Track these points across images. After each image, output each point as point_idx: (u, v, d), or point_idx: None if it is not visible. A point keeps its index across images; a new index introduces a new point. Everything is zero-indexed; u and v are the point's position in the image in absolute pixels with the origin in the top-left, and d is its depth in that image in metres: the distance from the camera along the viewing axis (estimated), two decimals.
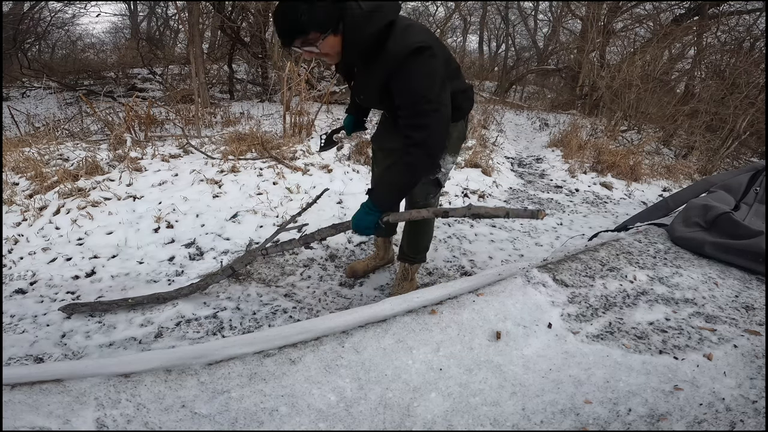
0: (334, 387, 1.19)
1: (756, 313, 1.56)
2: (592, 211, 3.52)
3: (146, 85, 7.28)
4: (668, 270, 1.79)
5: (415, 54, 1.31)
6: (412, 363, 1.27)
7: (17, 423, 0.98)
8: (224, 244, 2.45)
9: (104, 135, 4.16)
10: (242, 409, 1.11)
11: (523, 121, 6.89)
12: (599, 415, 1.15)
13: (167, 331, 1.78)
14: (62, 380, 1.11)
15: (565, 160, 4.62)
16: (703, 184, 2.45)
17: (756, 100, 4.94)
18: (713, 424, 1.11)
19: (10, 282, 2.10)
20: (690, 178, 4.50)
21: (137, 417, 1.06)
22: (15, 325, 1.81)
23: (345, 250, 2.50)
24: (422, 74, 1.34)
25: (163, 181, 3.01)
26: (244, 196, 2.91)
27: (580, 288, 1.62)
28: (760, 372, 1.28)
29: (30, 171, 2.98)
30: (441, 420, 1.13)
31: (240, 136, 3.82)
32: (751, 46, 6.57)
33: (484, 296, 1.51)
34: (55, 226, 2.52)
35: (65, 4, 8.99)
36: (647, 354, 1.34)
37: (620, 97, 5.59)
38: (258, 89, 7.09)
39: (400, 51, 1.31)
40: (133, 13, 12.67)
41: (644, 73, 5.76)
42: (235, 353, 1.24)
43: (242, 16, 6.95)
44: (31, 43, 8.79)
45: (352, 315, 1.41)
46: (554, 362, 1.31)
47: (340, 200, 2.99)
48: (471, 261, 2.48)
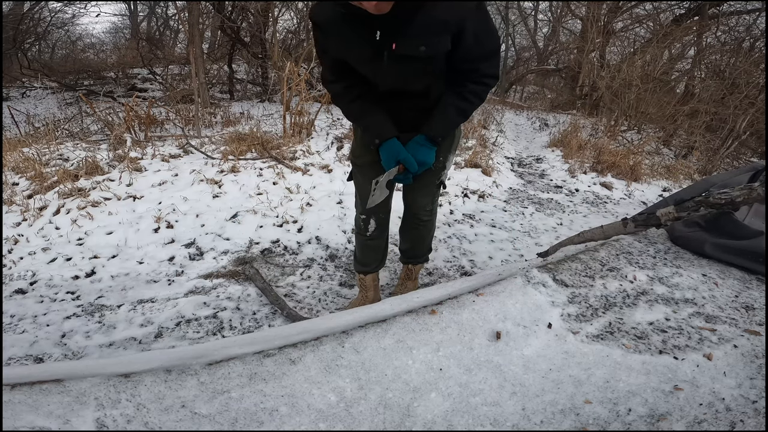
0: (334, 387, 1.19)
1: (756, 313, 1.56)
2: (592, 211, 3.52)
3: (146, 85, 7.28)
4: (668, 270, 1.79)
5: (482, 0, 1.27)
6: (412, 363, 1.27)
7: (17, 423, 0.98)
8: (224, 244, 2.45)
9: (104, 135, 4.16)
10: (242, 409, 1.11)
11: (523, 121, 6.89)
12: (599, 415, 1.15)
13: (167, 331, 1.78)
14: (62, 380, 1.11)
15: (565, 160, 4.62)
16: (703, 184, 2.45)
17: (756, 100, 4.94)
18: (713, 424, 1.11)
19: (10, 282, 2.10)
20: (690, 178, 4.49)
21: (137, 417, 1.06)
22: (15, 325, 1.81)
23: (345, 250, 2.50)
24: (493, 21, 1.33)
25: (163, 181, 3.01)
26: (244, 196, 2.91)
27: (580, 288, 1.62)
28: (760, 372, 1.28)
29: (30, 171, 2.98)
30: (441, 420, 1.13)
31: (240, 136, 3.82)
32: (751, 46, 6.58)
33: (484, 296, 1.51)
34: (55, 226, 2.52)
35: (65, 4, 9.00)
36: (647, 354, 1.34)
37: (620, 97, 5.59)
38: (258, 89, 7.09)
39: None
40: (133, 13, 12.68)
41: (644, 73, 5.77)
42: (235, 353, 1.24)
43: (242, 16, 6.96)
44: (31, 43, 8.80)
45: (352, 315, 1.41)
46: (554, 362, 1.31)
47: (340, 200, 2.99)
48: (471, 261, 2.48)
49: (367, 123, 1.46)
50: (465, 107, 1.41)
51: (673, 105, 5.60)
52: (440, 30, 1.25)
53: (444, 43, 1.27)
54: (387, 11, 1.17)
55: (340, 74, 1.42)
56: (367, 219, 1.73)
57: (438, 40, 1.26)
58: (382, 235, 1.81)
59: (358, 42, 1.29)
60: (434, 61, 1.32)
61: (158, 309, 1.91)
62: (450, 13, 1.23)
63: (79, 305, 1.95)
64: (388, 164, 1.46)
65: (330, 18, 1.29)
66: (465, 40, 1.27)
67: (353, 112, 1.47)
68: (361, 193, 1.69)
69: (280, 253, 2.44)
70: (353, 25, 1.26)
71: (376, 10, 1.16)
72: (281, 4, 7.80)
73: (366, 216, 1.73)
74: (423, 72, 1.36)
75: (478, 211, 3.16)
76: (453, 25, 1.24)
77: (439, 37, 1.26)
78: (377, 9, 1.15)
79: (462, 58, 1.32)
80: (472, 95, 1.39)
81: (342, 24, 1.27)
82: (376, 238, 1.79)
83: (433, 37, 1.26)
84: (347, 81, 1.43)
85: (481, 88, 1.39)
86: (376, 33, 1.25)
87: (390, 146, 1.43)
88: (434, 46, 1.27)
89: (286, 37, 8.71)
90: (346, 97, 1.46)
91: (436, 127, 1.43)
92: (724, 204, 1.82)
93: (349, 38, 1.30)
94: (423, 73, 1.36)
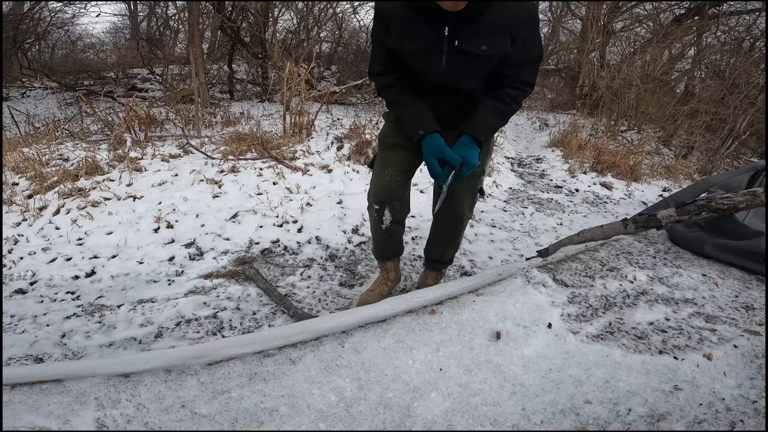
0: (334, 387, 1.19)
1: (756, 313, 1.56)
2: (592, 211, 3.52)
3: (146, 85, 7.28)
4: (668, 270, 1.79)
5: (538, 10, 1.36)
6: (412, 363, 1.27)
7: (17, 423, 0.98)
8: (224, 244, 2.45)
9: (104, 135, 4.16)
10: (242, 409, 1.11)
11: (523, 121, 6.89)
12: (599, 415, 1.15)
13: (167, 331, 1.78)
14: (62, 380, 1.11)
15: (565, 160, 4.62)
16: (703, 184, 2.45)
17: (756, 100, 4.94)
18: (713, 424, 1.11)
19: (10, 282, 2.10)
20: (690, 178, 4.49)
21: (137, 417, 1.06)
22: (15, 325, 1.81)
23: (345, 250, 2.50)
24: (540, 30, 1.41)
25: (163, 181, 3.01)
26: (244, 196, 2.91)
27: (580, 288, 1.62)
28: (760, 372, 1.28)
29: (30, 171, 2.98)
30: (441, 420, 1.13)
31: (240, 136, 3.82)
32: (751, 46, 6.57)
33: (484, 296, 1.51)
34: (55, 226, 2.52)
35: (65, 4, 8.98)
36: (647, 354, 1.34)
37: (620, 97, 5.58)
38: (258, 89, 7.09)
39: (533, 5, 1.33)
40: (133, 13, 12.67)
41: (644, 73, 5.76)
42: (235, 353, 1.24)
43: (242, 16, 6.96)
44: (31, 43, 8.79)
45: (352, 315, 1.41)
46: (554, 362, 1.31)
47: (340, 200, 2.99)
48: (471, 261, 2.48)
49: (415, 114, 1.49)
50: (503, 110, 1.45)
51: (673, 105, 5.60)
52: (503, 32, 1.31)
53: (504, 45, 1.34)
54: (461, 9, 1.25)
55: (391, 66, 1.48)
56: (381, 209, 1.68)
57: (499, 41, 1.33)
58: (399, 229, 1.80)
59: (422, 35, 1.35)
60: (490, 60, 1.38)
61: (158, 309, 1.91)
62: (513, 17, 1.30)
63: (79, 305, 1.95)
64: (428, 157, 1.48)
65: (396, 9, 1.35)
66: (516, 44, 1.34)
67: (403, 101, 1.51)
68: (379, 179, 1.67)
69: (280, 253, 2.44)
70: (420, 17, 1.32)
71: (452, 7, 1.23)
72: (281, 4, 7.81)
73: (379, 206, 1.67)
74: (478, 70, 1.41)
75: (478, 211, 3.15)
76: (514, 28, 1.31)
77: (501, 38, 1.32)
78: (453, 6, 1.23)
79: (509, 61, 1.38)
80: (510, 99, 1.43)
81: (408, 15, 1.34)
82: (393, 232, 1.77)
83: (496, 37, 1.32)
84: (397, 73, 1.49)
85: (518, 93, 1.43)
86: (444, 28, 1.31)
87: (433, 140, 1.46)
88: (495, 46, 1.33)
89: (286, 37, 8.71)
90: (396, 88, 1.50)
91: (478, 128, 1.45)
92: (727, 209, 1.82)
93: (413, 30, 1.35)
94: (477, 71, 1.42)
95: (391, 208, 1.67)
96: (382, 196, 1.65)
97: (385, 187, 1.64)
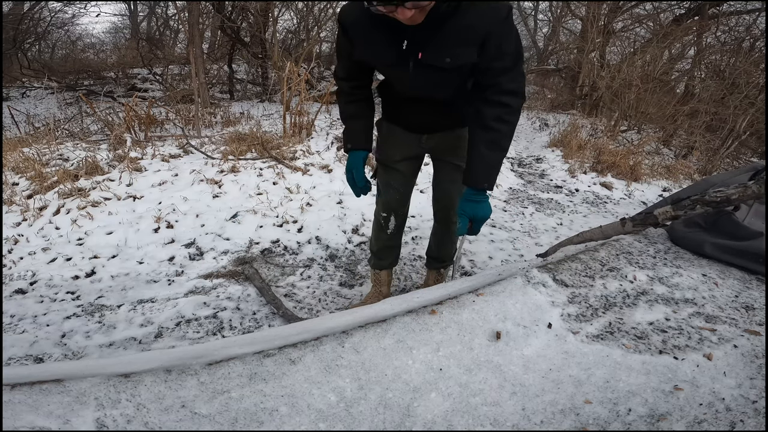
0: (334, 387, 1.19)
1: (756, 313, 1.56)
2: (592, 211, 3.52)
3: (146, 85, 7.28)
4: (668, 270, 1.79)
5: (510, 11, 1.23)
6: (412, 363, 1.27)
7: (17, 423, 0.98)
8: (224, 244, 2.45)
9: (104, 135, 4.16)
10: (242, 409, 1.11)
11: (523, 121, 6.89)
12: (599, 415, 1.15)
13: (167, 331, 1.78)
14: (62, 380, 1.11)
15: (565, 160, 4.62)
16: (703, 184, 2.45)
17: (756, 100, 4.94)
18: (713, 424, 1.11)
19: (10, 282, 2.10)
20: (690, 178, 4.49)
21: (137, 417, 1.06)
22: (15, 325, 1.81)
23: (345, 250, 2.50)
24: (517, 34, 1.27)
25: (163, 181, 3.01)
26: (244, 196, 2.91)
27: (580, 288, 1.62)
28: (760, 372, 1.28)
29: (30, 171, 2.98)
30: (441, 420, 1.13)
31: (240, 136, 3.82)
32: (751, 46, 6.57)
33: (484, 296, 1.51)
34: (55, 226, 2.52)
35: (65, 4, 8.99)
36: (647, 354, 1.34)
37: (620, 97, 5.58)
38: (258, 89, 7.09)
39: (501, 6, 1.21)
40: (133, 13, 12.67)
41: (644, 73, 5.76)
42: (235, 353, 1.24)
43: (242, 16, 6.96)
44: (31, 43, 8.80)
45: (352, 315, 1.40)
46: (554, 362, 1.31)
47: (340, 200, 2.99)
48: (471, 261, 2.48)
49: (352, 126, 1.52)
50: (495, 138, 1.34)
51: (673, 105, 5.60)
52: (467, 42, 1.24)
53: (470, 55, 1.26)
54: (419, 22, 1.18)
55: (353, 74, 1.46)
56: (388, 217, 1.78)
57: (464, 51, 1.26)
58: (399, 232, 1.88)
59: (384, 48, 1.30)
60: (459, 72, 1.32)
61: (158, 309, 1.91)
62: (479, 22, 1.21)
63: (79, 305, 1.95)
64: (347, 168, 1.52)
65: (358, 21, 1.29)
66: (488, 51, 1.25)
67: (347, 111, 1.53)
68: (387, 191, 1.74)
69: (280, 253, 2.44)
70: (381, 30, 1.26)
71: (410, 21, 1.16)
72: (281, 4, 7.80)
73: (387, 214, 1.78)
74: (447, 82, 1.37)
75: None
76: (481, 35, 1.22)
77: (466, 49, 1.25)
78: (411, 21, 1.16)
79: (485, 70, 1.29)
80: (498, 122, 1.31)
81: (369, 28, 1.28)
82: (394, 236, 1.86)
83: (460, 48, 1.25)
84: (356, 82, 1.48)
85: (504, 110, 1.31)
86: (403, 42, 1.26)
87: (354, 157, 1.51)
88: (459, 57, 1.27)
89: (286, 37, 8.71)
90: (349, 97, 1.51)
91: (476, 176, 1.37)
92: (720, 202, 1.83)
93: (375, 43, 1.30)
94: (446, 83, 1.37)
95: (395, 215, 1.79)
96: (395, 206, 1.76)
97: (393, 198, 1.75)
